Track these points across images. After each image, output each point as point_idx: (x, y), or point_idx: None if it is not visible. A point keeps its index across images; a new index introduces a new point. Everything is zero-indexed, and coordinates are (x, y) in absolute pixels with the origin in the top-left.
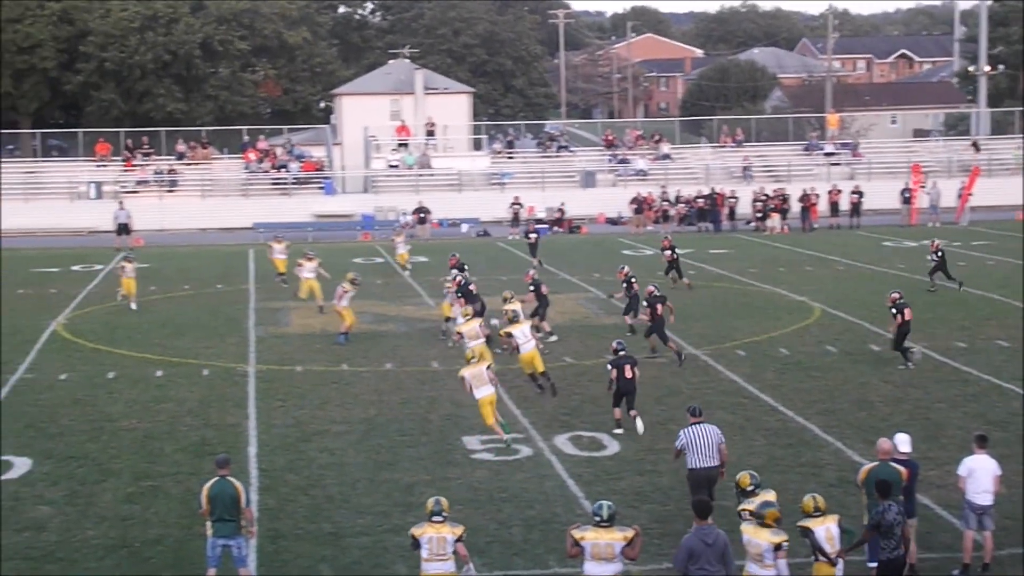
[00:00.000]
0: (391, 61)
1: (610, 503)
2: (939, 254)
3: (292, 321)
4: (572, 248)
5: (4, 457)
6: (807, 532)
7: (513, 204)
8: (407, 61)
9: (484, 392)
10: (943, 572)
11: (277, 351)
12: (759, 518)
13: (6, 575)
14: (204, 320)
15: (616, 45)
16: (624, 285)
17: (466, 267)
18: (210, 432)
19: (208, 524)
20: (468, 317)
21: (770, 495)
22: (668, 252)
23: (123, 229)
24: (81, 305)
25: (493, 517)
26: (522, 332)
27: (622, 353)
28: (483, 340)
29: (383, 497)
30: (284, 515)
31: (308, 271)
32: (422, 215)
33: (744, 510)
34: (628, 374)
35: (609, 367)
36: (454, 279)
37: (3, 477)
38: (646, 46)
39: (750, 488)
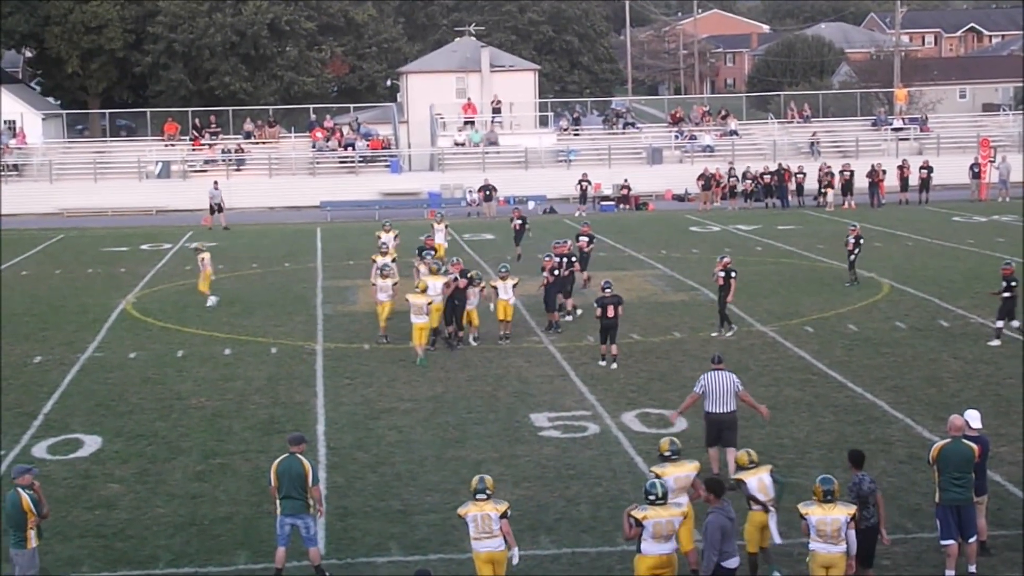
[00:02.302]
0: (457, 39)
1: (662, 480)
2: (859, 242)
3: (359, 299)
4: (639, 225)
5: (75, 435)
6: (740, 483)
7: (581, 181)
8: (473, 39)
9: (419, 320)
10: (1015, 549)
11: (345, 329)
12: (829, 495)
13: (77, 552)
14: (272, 298)
15: (682, 21)
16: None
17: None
18: (278, 410)
19: (277, 502)
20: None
21: (692, 464)
22: (585, 240)
23: (218, 209)
24: (150, 284)
25: (561, 494)
26: (434, 286)
27: (607, 292)
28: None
29: (451, 474)
30: (352, 493)
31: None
32: (488, 192)
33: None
34: (611, 313)
35: (595, 305)
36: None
37: (74, 455)
38: (712, 22)
39: (667, 454)
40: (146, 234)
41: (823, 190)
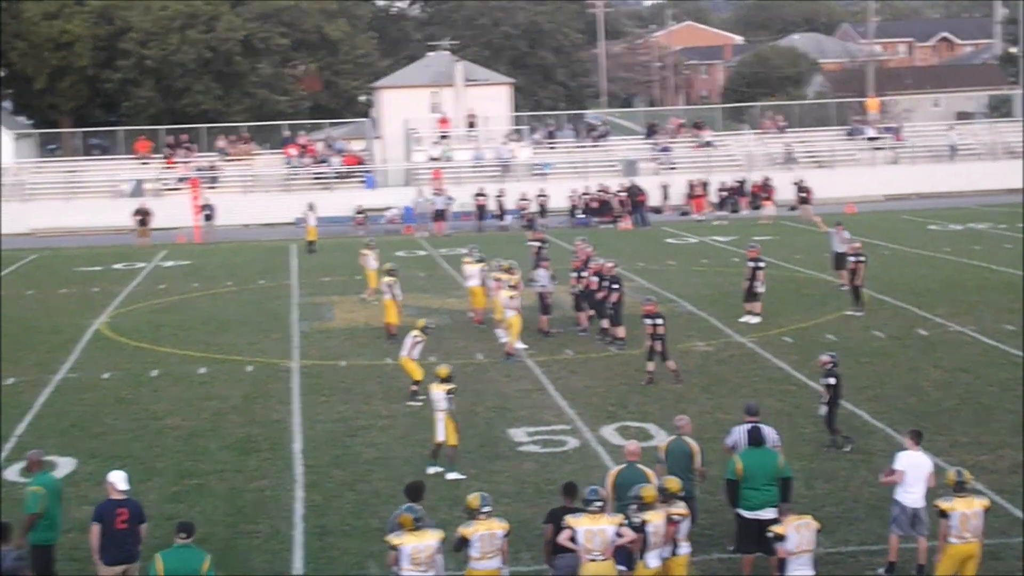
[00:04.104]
0: (430, 53)
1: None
2: (860, 259)
3: (335, 315)
4: (614, 237)
5: (49, 457)
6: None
7: (570, 195)
8: (447, 53)
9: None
10: (997, 557)
11: (321, 346)
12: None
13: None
14: (247, 316)
15: (655, 34)
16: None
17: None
18: (255, 429)
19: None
20: None
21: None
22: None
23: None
24: (124, 303)
25: (541, 510)
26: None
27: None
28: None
29: (429, 492)
30: (331, 511)
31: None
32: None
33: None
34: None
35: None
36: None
37: None
38: (685, 34)
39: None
40: (119, 253)
41: (760, 203)
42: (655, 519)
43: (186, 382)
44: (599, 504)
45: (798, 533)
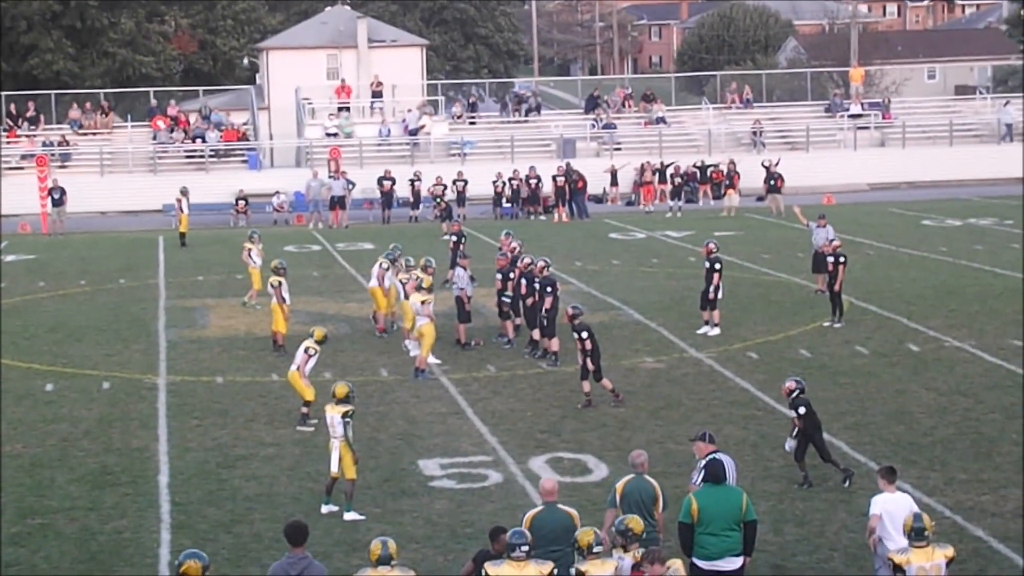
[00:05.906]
0: (328, 8)
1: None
2: (840, 260)
3: (210, 322)
4: (549, 232)
5: None
6: None
7: (495, 180)
8: (346, 8)
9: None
10: None
11: (193, 359)
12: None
13: None
14: (104, 322)
15: None
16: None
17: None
18: (111, 458)
19: None
20: None
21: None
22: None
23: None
24: None
25: (455, 558)
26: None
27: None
28: None
29: (322, 535)
30: None
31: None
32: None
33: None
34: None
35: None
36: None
37: None
38: None
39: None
40: None
41: (722, 192)
42: (596, 571)
43: (29, 401)
44: (525, 550)
45: None
